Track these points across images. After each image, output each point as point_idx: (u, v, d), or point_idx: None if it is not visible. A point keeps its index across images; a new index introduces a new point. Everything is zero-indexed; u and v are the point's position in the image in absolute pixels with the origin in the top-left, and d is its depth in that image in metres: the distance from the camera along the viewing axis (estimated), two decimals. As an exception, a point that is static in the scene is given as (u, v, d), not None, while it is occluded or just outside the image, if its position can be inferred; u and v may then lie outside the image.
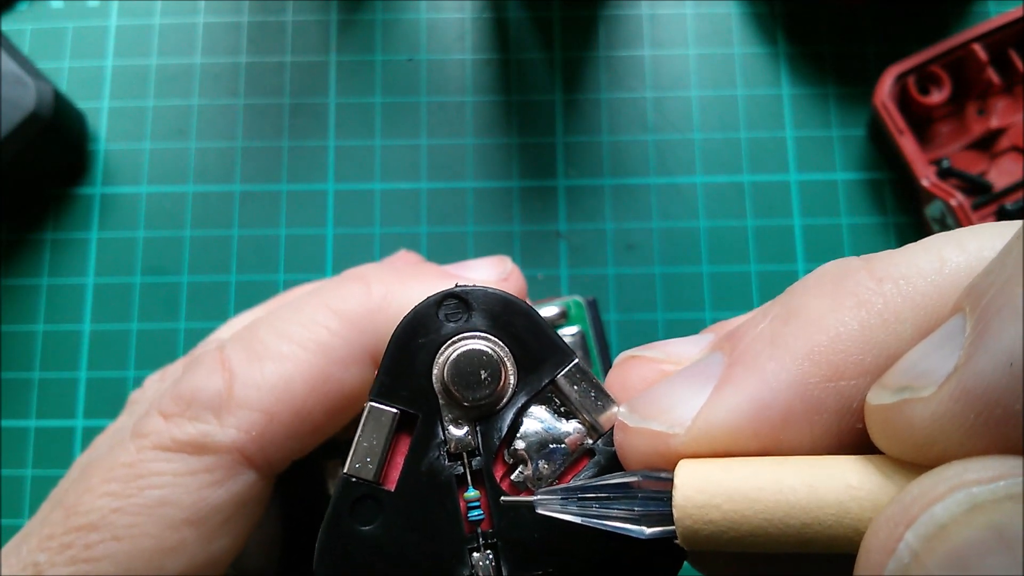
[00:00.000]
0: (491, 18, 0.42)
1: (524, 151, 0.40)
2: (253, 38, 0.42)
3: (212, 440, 0.21)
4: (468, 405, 0.16)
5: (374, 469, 0.16)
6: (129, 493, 0.20)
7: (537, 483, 0.16)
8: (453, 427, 0.16)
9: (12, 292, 0.39)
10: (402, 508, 0.16)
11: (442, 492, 0.16)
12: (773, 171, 0.40)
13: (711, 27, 0.42)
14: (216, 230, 0.40)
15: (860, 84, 0.40)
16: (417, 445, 0.16)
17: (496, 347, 0.16)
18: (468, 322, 0.17)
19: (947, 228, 0.37)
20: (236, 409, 0.21)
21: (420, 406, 0.16)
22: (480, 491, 0.16)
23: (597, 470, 0.16)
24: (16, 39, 0.41)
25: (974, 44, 0.37)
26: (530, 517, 0.15)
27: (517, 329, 0.17)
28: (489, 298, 0.17)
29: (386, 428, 0.16)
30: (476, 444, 0.16)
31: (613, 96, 0.41)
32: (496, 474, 0.16)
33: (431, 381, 0.16)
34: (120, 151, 0.41)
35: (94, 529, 0.20)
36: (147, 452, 0.21)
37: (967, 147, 0.38)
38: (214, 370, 0.22)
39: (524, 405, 0.16)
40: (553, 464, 0.16)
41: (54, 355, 0.39)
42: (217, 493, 0.21)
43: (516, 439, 0.16)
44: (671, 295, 0.39)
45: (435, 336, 0.17)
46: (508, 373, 0.16)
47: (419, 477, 0.16)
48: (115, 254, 0.40)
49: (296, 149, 0.41)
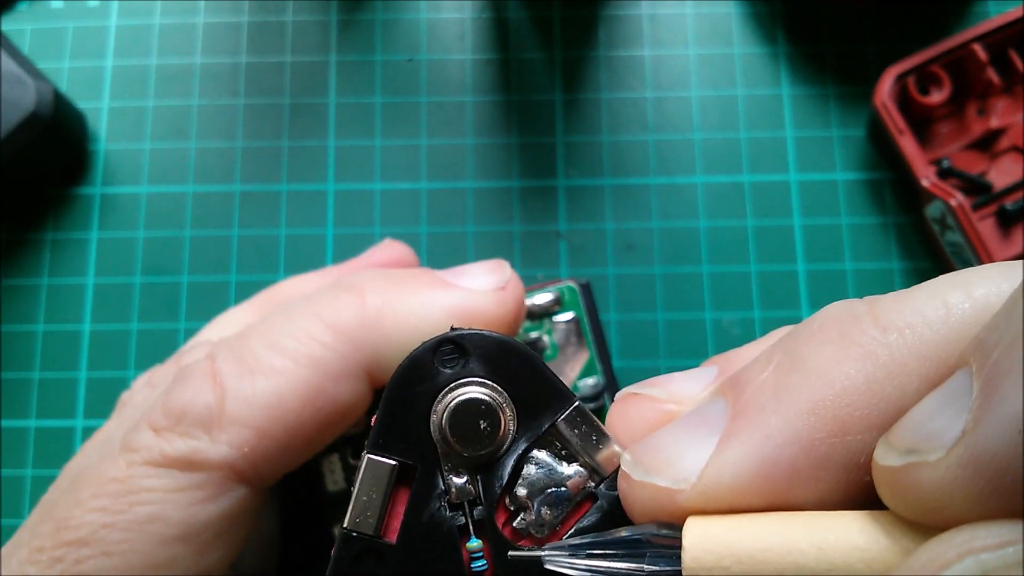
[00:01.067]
0: (491, 18, 0.42)
1: (524, 151, 0.40)
2: (253, 38, 0.42)
3: (203, 457, 0.20)
4: (467, 455, 0.16)
5: (374, 523, 0.16)
6: (119, 509, 0.20)
7: (539, 529, 0.16)
8: (453, 476, 0.16)
9: (12, 292, 0.39)
10: (404, 561, 0.16)
11: (444, 543, 0.16)
12: (773, 171, 0.40)
13: (711, 27, 0.42)
14: (216, 230, 0.40)
15: (860, 84, 0.40)
16: (417, 496, 0.16)
17: (494, 393, 0.16)
18: (465, 368, 0.16)
19: (947, 228, 0.37)
20: (227, 425, 0.21)
21: (418, 457, 0.16)
22: (483, 541, 0.16)
23: (600, 515, 0.16)
24: (16, 39, 0.41)
25: (974, 44, 0.37)
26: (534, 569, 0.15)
27: (515, 373, 0.16)
28: (486, 342, 0.16)
29: (384, 481, 0.16)
30: (477, 492, 0.16)
31: (613, 96, 0.41)
32: (498, 521, 0.16)
33: (429, 431, 0.16)
34: (120, 151, 0.41)
35: (84, 544, 0.20)
36: (137, 468, 0.21)
37: (967, 147, 0.38)
38: (205, 384, 0.21)
39: (525, 451, 0.16)
40: (555, 510, 0.16)
41: (54, 355, 0.39)
42: (208, 509, 0.21)
43: (517, 485, 0.16)
44: (671, 295, 0.39)
45: (431, 384, 0.16)
46: (507, 419, 0.16)
47: (420, 529, 0.16)
48: (115, 254, 0.40)
49: (296, 149, 0.41)
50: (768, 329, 0.38)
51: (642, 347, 0.38)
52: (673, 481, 0.14)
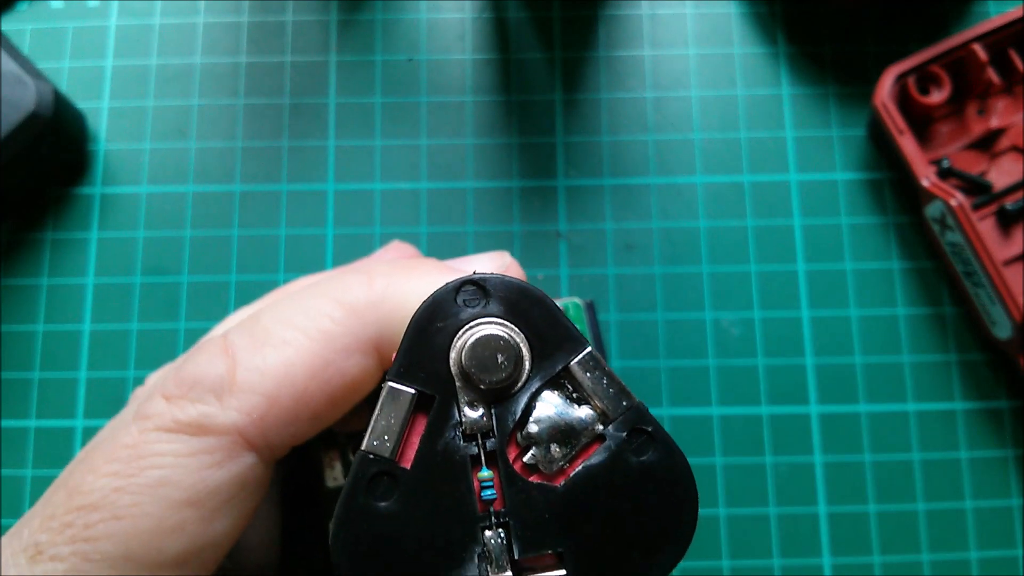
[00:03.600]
0: (491, 18, 0.42)
1: (524, 151, 0.40)
2: (253, 38, 0.42)
3: (213, 422, 0.21)
4: (484, 388, 0.17)
5: (391, 447, 0.17)
6: (131, 473, 0.21)
7: (548, 465, 0.16)
8: (469, 409, 0.17)
9: (12, 292, 0.39)
10: (417, 485, 0.16)
11: (456, 471, 0.16)
12: (773, 171, 0.40)
13: (711, 27, 0.42)
14: (216, 230, 0.40)
15: (860, 84, 0.40)
16: (433, 425, 0.17)
17: (512, 332, 0.17)
18: (486, 308, 0.17)
19: (947, 228, 0.37)
20: (238, 392, 0.21)
21: (437, 388, 0.17)
22: (493, 471, 0.16)
23: (607, 455, 0.17)
24: (16, 39, 0.41)
25: (974, 44, 0.37)
26: (542, 498, 0.16)
27: (533, 317, 0.17)
28: (506, 286, 0.17)
29: (404, 408, 0.17)
30: (491, 426, 0.17)
31: (613, 96, 0.41)
32: (509, 456, 0.17)
33: (448, 364, 0.17)
34: (120, 151, 0.41)
35: (95, 509, 0.20)
36: (149, 433, 0.21)
37: (967, 147, 0.38)
38: (217, 355, 0.22)
39: (538, 390, 0.17)
40: (565, 447, 0.17)
41: (54, 355, 0.39)
42: (217, 474, 0.21)
43: (529, 423, 0.17)
44: (671, 295, 0.39)
45: (453, 321, 0.17)
46: (523, 358, 0.17)
47: (435, 456, 0.16)
48: (115, 254, 0.40)
49: (296, 149, 0.41)
50: (768, 329, 0.38)
51: (642, 347, 0.38)
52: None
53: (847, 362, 0.38)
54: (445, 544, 0.16)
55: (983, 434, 0.37)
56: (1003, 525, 0.36)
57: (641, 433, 0.17)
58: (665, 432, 0.17)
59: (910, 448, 0.37)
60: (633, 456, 0.16)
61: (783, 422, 0.37)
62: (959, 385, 0.38)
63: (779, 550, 0.36)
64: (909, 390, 0.38)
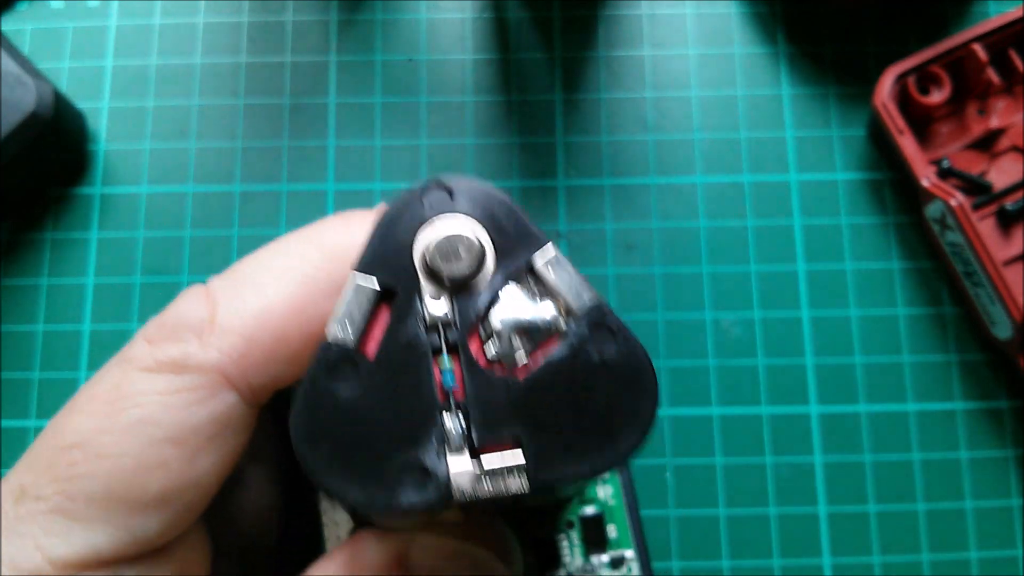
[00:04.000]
0: (491, 18, 0.42)
1: (524, 151, 0.40)
2: (253, 38, 0.42)
3: (194, 360, 0.21)
4: (447, 281, 0.17)
5: (354, 336, 0.17)
6: (112, 412, 0.21)
7: (509, 358, 0.17)
8: (432, 302, 0.17)
9: (12, 292, 0.39)
10: (378, 373, 0.17)
11: (418, 360, 0.17)
12: (773, 171, 0.40)
13: (711, 27, 0.42)
14: (216, 230, 0.40)
15: (860, 84, 0.40)
16: (396, 316, 0.17)
17: (476, 228, 0.17)
18: (451, 206, 0.18)
19: (947, 228, 0.37)
20: (218, 332, 0.21)
21: (401, 281, 0.17)
22: (454, 361, 0.17)
23: (568, 349, 0.17)
24: (16, 39, 0.41)
25: (974, 44, 0.37)
26: (502, 387, 0.16)
27: (497, 215, 0.18)
28: (472, 187, 0.18)
29: (367, 299, 0.17)
30: (453, 318, 0.17)
31: (613, 96, 0.41)
32: (471, 348, 0.17)
33: (412, 258, 0.17)
34: (120, 151, 0.41)
35: (78, 448, 0.21)
36: (131, 374, 0.21)
37: (967, 147, 0.38)
38: (198, 298, 0.22)
39: (501, 285, 0.17)
40: (526, 340, 0.17)
41: (54, 355, 0.39)
42: (199, 413, 0.21)
43: (492, 316, 0.17)
44: (671, 295, 0.39)
45: (419, 217, 0.18)
46: (486, 253, 0.17)
47: (396, 345, 0.17)
48: (115, 254, 0.40)
49: (296, 149, 0.41)
50: (768, 329, 0.38)
51: (642, 347, 0.38)
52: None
53: (847, 362, 0.38)
54: (404, 429, 0.16)
55: (983, 434, 0.37)
56: (1003, 525, 0.36)
57: (602, 328, 0.17)
58: (626, 327, 0.17)
59: (910, 448, 0.37)
60: (594, 350, 0.17)
61: (783, 422, 0.37)
62: (959, 385, 0.38)
63: (779, 550, 0.36)
64: (909, 390, 0.38)
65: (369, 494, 0.16)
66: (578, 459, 0.16)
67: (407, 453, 0.16)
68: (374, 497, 0.16)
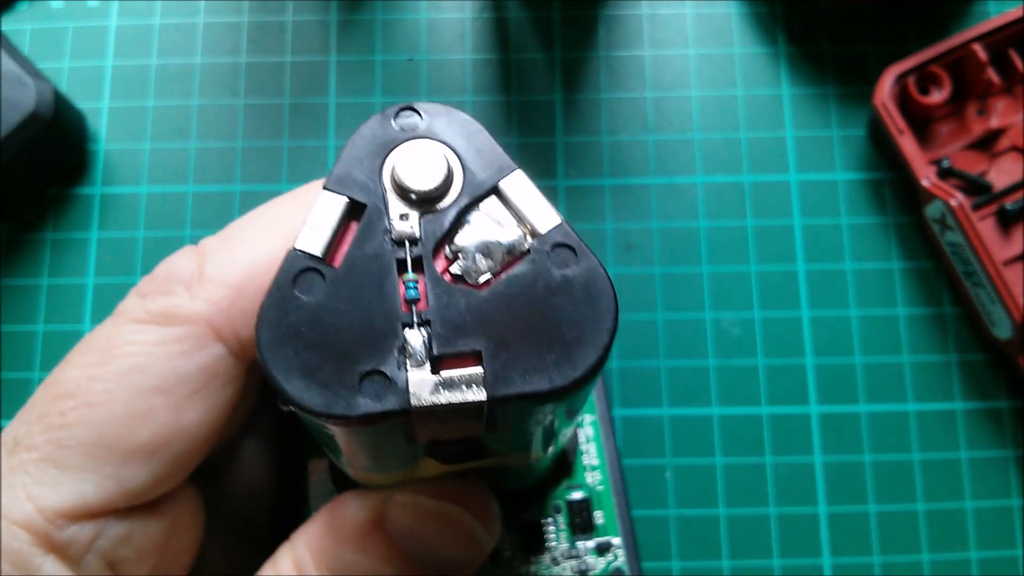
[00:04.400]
0: (491, 18, 0.42)
1: (524, 151, 0.40)
2: (253, 38, 0.42)
3: (182, 311, 0.22)
4: (414, 198, 0.17)
5: (322, 247, 0.17)
6: (103, 362, 0.21)
7: (473, 275, 0.17)
8: (399, 219, 0.17)
9: (12, 292, 0.39)
10: (343, 283, 0.17)
11: (383, 271, 0.17)
12: (773, 171, 0.40)
13: (711, 27, 0.42)
14: (216, 230, 0.40)
15: (860, 84, 0.40)
16: (363, 231, 0.17)
17: (446, 149, 0.18)
18: (422, 129, 0.18)
19: (947, 228, 0.37)
20: (206, 283, 0.22)
21: (369, 197, 0.18)
22: (419, 275, 0.17)
23: (531, 266, 0.17)
24: (16, 39, 0.41)
25: (974, 44, 0.37)
26: (464, 301, 0.17)
27: (467, 138, 0.18)
28: (442, 112, 0.18)
29: (336, 213, 0.17)
30: (420, 234, 0.17)
31: (613, 96, 0.41)
32: (436, 265, 0.17)
33: (382, 176, 0.18)
34: (120, 151, 0.41)
35: (69, 397, 0.21)
36: (122, 326, 0.22)
37: (967, 147, 0.38)
38: (188, 254, 0.23)
39: (468, 205, 0.18)
40: (490, 259, 0.17)
41: (54, 355, 0.39)
42: (187, 363, 0.22)
43: (458, 235, 0.17)
44: (671, 295, 0.39)
45: (390, 137, 0.18)
46: (454, 172, 0.18)
47: (362, 258, 0.17)
48: (115, 254, 0.40)
49: (296, 149, 0.41)
50: (768, 329, 0.38)
51: (642, 347, 0.38)
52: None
53: (847, 362, 0.38)
54: (366, 338, 0.16)
55: (983, 434, 0.37)
56: (1003, 525, 0.36)
57: (565, 247, 0.17)
58: (587, 247, 0.18)
59: (910, 448, 0.37)
60: (556, 269, 0.17)
61: (783, 422, 0.37)
62: (959, 385, 0.38)
63: (779, 550, 0.36)
64: (909, 390, 0.38)
65: (328, 400, 0.16)
66: (536, 376, 0.16)
67: (368, 362, 0.16)
68: (333, 403, 0.16)
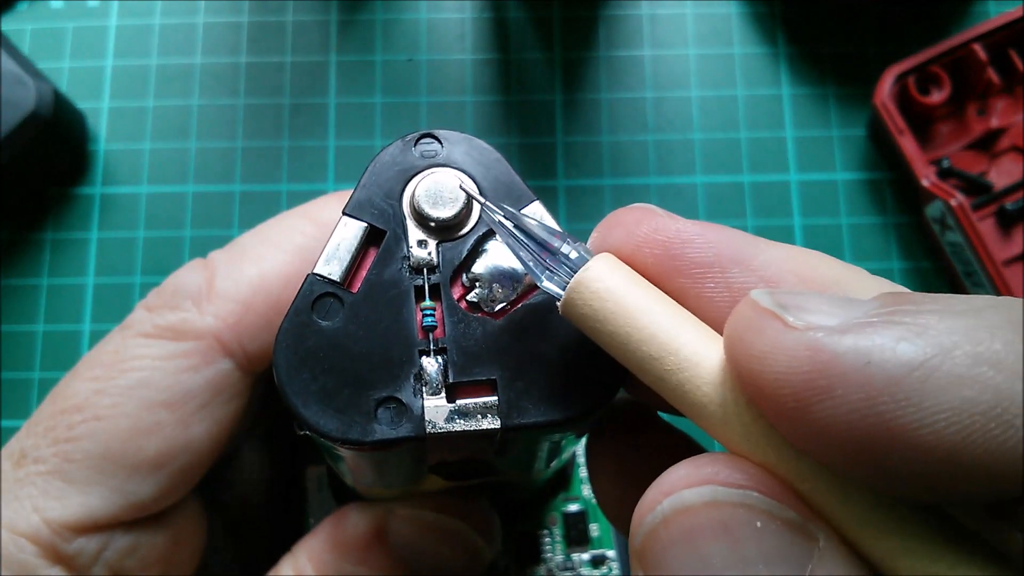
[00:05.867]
0: (491, 18, 0.42)
1: (524, 151, 0.40)
2: (253, 38, 0.42)
3: (191, 326, 0.22)
4: (433, 226, 0.18)
5: (341, 272, 0.17)
6: (111, 376, 0.22)
7: (490, 304, 0.17)
8: (417, 246, 0.18)
9: (12, 292, 0.39)
10: (361, 309, 0.17)
11: (400, 298, 0.17)
12: (773, 171, 0.40)
13: (711, 27, 0.42)
14: (216, 230, 0.40)
15: (860, 84, 0.40)
16: (382, 257, 0.17)
17: (465, 178, 0.18)
18: (442, 157, 0.18)
19: (947, 228, 0.37)
20: (215, 299, 0.22)
21: (389, 223, 0.18)
22: (436, 303, 0.17)
23: (544, 297, 0.17)
24: (16, 39, 0.41)
25: (974, 44, 0.37)
26: (480, 330, 0.17)
27: (486, 168, 0.18)
28: (463, 140, 0.19)
29: (355, 239, 0.17)
30: (437, 262, 0.17)
31: (613, 96, 0.41)
32: (453, 293, 0.17)
33: (402, 203, 0.18)
34: (120, 151, 0.41)
35: (77, 411, 0.21)
36: (130, 340, 0.22)
37: (967, 147, 0.38)
38: (197, 269, 0.23)
39: (485, 235, 0.18)
40: (507, 289, 0.17)
41: (54, 355, 0.39)
42: (194, 378, 0.22)
43: (475, 263, 0.18)
44: (671, 295, 0.39)
45: (411, 165, 0.18)
46: (474, 201, 0.18)
47: (381, 284, 0.17)
48: (115, 254, 0.40)
49: (296, 149, 0.41)
50: (768, 329, 0.38)
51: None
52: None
53: (847, 362, 0.38)
54: (383, 364, 0.17)
55: (983, 434, 0.37)
56: (1003, 525, 0.36)
57: None
58: None
59: (910, 448, 0.37)
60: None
61: (783, 422, 0.37)
62: (959, 385, 0.38)
63: (779, 550, 0.36)
64: (909, 390, 0.38)
65: (344, 426, 0.16)
66: (550, 405, 0.16)
67: (384, 388, 0.16)
68: (348, 429, 0.16)
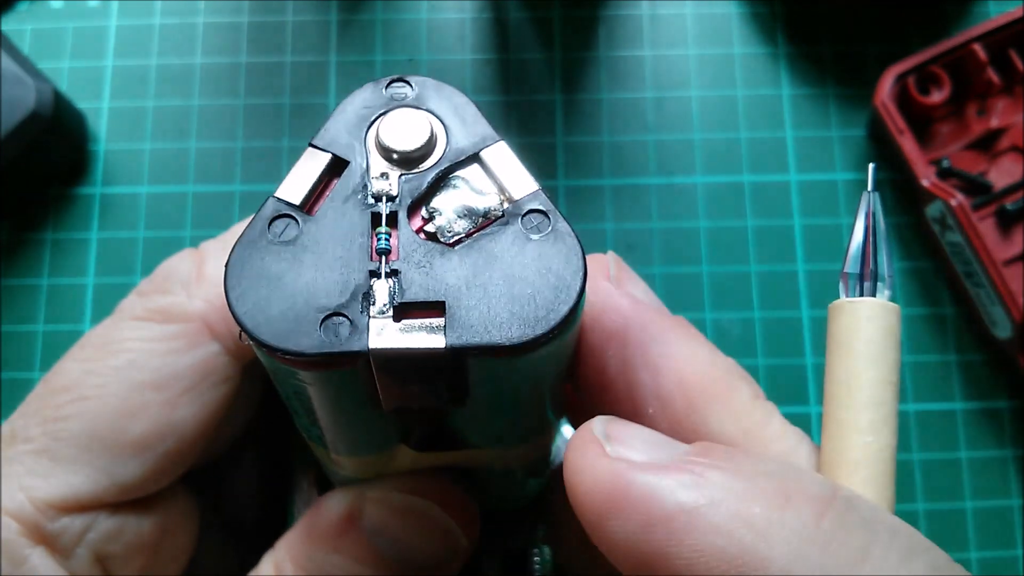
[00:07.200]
0: (491, 18, 0.42)
1: (524, 151, 0.40)
2: (253, 38, 0.42)
3: (180, 309, 0.22)
4: (396, 158, 0.18)
5: (301, 197, 0.18)
6: (101, 357, 0.22)
7: (447, 235, 0.18)
8: (379, 176, 0.18)
9: (12, 292, 0.39)
10: (317, 231, 0.17)
11: (357, 223, 0.17)
12: (773, 171, 0.40)
13: (711, 27, 0.42)
14: (216, 230, 0.39)
15: (860, 84, 0.40)
16: (343, 184, 0.18)
17: (431, 116, 0.18)
18: (411, 98, 0.19)
19: (947, 228, 0.37)
20: (204, 283, 0.23)
21: (352, 155, 0.18)
22: (392, 230, 0.17)
23: (502, 230, 0.18)
24: (16, 39, 0.41)
25: (974, 44, 0.37)
26: (434, 256, 0.17)
27: (454, 109, 0.19)
28: (433, 85, 0.19)
29: (319, 167, 0.18)
30: (397, 193, 0.18)
31: (613, 96, 0.41)
32: (412, 224, 0.18)
33: (367, 137, 0.18)
34: (120, 151, 0.41)
35: (66, 390, 0.22)
36: (120, 323, 0.23)
37: (967, 147, 0.38)
38: (187, 256, 0.23)
39: (447, 169, 0.18)
40: (465, 220, 0.18)
41: (54, 355, 0.38)
42: (181, 360, 0.22)
43: (436, 197, 0.18)
44: (671, 295, 0.39)
45: (379, 103, 0.19)
46: (438, 139, 0.18)
47: (340, 210, 0.18)
48: (115, 254, 0.40)
49: (296, 149, 0.41)
50: (768, 329, 0.38)
51: (642, 347, 0.38)
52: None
53: (847, 362, 0.38)
54: (333, 284, 0.17)
55: (983, 434, 0.37)
56: (1003, 525, 0.36)
57: (538, 212, 0.18)
58: (562, 216, 0.18)
59: (910, 448, 0.37)
60: (528, 231, 0.18)
61: (783, 422, 0.37)
62: (959, 385, 0.38)
63: (779, 550, 0.36)
64: (909, 390, 0.38)
65: (285, 337, 0.16)
66: (500, 329, 0.16)
67: (332, 306, 0.17)
68: (288, 338, 0.16)
